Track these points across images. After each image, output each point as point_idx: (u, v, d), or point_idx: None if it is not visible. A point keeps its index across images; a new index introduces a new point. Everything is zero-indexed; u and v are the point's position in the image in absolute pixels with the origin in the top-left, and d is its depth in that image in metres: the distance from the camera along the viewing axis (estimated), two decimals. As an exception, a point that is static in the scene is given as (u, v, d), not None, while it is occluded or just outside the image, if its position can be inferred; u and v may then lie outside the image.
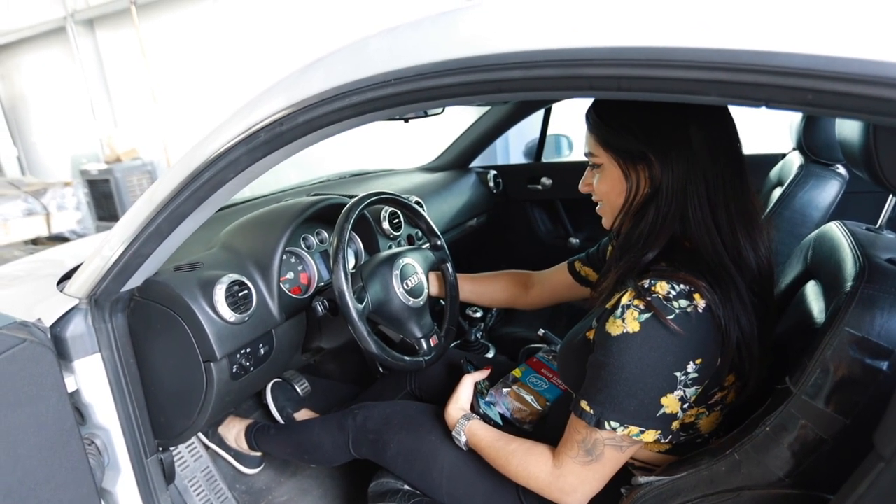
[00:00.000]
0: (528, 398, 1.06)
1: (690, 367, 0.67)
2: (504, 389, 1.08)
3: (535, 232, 2.20)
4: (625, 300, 0.70)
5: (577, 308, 1.84)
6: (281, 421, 1.46)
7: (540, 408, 1.05)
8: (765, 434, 0.62)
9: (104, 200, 5.49)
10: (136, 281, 0.95)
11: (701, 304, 0.66)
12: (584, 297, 1.12)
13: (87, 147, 6.40)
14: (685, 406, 0.70)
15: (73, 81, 6.15)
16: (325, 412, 1.43)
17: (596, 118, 0.78)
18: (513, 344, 1.54)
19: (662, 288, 0.68)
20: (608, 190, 0.80)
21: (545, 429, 1.02)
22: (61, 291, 1.01)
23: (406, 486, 1.05)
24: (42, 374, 0.80)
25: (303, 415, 1.48)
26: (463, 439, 0.94)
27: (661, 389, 0.68)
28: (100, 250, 0.94)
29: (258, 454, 1.44)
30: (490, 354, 1.55)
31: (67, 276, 1.12)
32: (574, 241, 2.11)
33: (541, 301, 1.23)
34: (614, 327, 0.70)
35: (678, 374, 0.67)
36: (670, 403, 0.69)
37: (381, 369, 1.46)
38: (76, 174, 5.98)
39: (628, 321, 0.68)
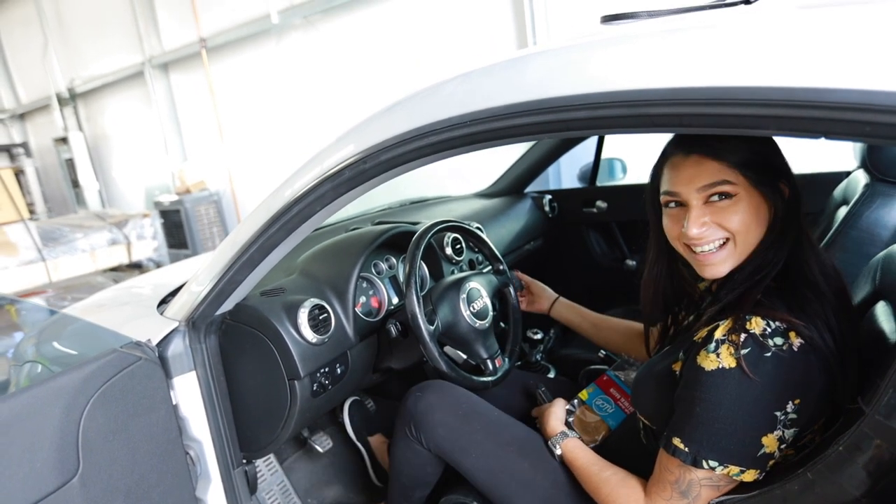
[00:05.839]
0: (592, 424, 1.07)
1: (790, 406, 0.66)
2: (570, 418, 1.09)
3: (591, 255, 2.21)
4: (718, 334, 0.69)
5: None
6: (356, 442, 1.51)
7: (602, 433, 1.06)
8: (838, 453, 0.62)
9: (175, 229, 5.87)
10: (228, 305, 1.04)
11: (796, 342, 0.65)
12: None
13: (159, 179, 6.88)
14: (782, 447, 0.68)
15: (148, 120, 6.67)
16: (390, 432, 1.48)
17: (734, 138, 0.68)
18: (574, 365, 1.55)
19: (758, 324, 0.66)
20: (749, 222, 0.71)
21: (605, 452, 1.03)
22: (161, 315, 1.13)
23: (475, 503, 1.07)
24: (154, 389, 0.90)
25: (377, 439, 1.54)
26: (558, 451, 0.95)
27: (761, 428, 0.66)
28: (194, 279, 1.05)
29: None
30: (551, 375, 1.57)
31: (165, 301, 1.24)
32: (630, 263, 2.11)
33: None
34: (708, 362, 0.68)
35: (778, 413, 0.66)
36: (770, 443, 0.67)
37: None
38: (150, 205, 6.44)
39: (724, 356, 0.67)
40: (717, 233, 0.73)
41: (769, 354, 0.65)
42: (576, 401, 1.12)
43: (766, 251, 0.72)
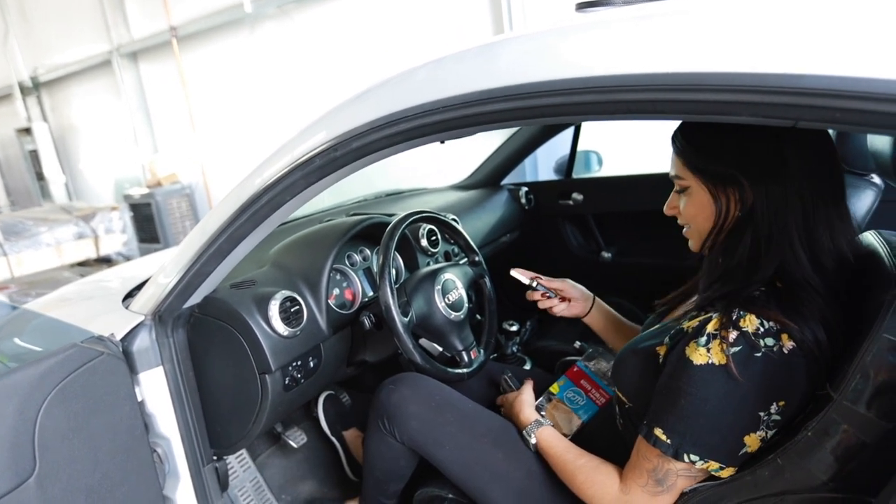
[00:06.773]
0: (563, 418, 1.07)
1: (774, 408, 0.66)
2: (542, 412, 1.09)
3: (568, 246, 2.22)
4: (710, 328, 0.69)
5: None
6: (331, 436, 1.50)
7: (574, 428, 1.05)
8: (807, 439, 0.63)
9: (145, 223, 5.72)
10: (196, 298, 1.01)
11: (788, 345, 0.65)
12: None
13: (129, 172, 6.70)
14: (763, 447, 0.69)
15: (117, 111, 6.47)
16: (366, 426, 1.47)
17: (683, 142, 0.76)
18: (549, 357, 1.56)
19: (752, 322, 0.66)
20: (696, 213, 0.79)
21: (579, 442, 1.03)
22: (127, 308, 1.09)
23: (450, 495, 1.07)
24: (117, 385, 0.87)
25: (352, 433, 1.52)
26: (533, 441, 0.95)
27: (745, 427, 0.67)
28: (160, 271, 1.01)
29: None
30: (527, 367, 1.58)
31: (130, 294, 1.20)
32: (606, 254, 2.13)
33: None
34: (697, 355, 0.68)
35: (762, 413, 0.66)
36: (752, 442, 0.68)
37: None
38: (119, 199, 6.27)
39: (714, 352, 0.67)
40: (680, 218, 0.83)
41: (759, 355, 0.65)
42: (547, 394, 1.12)
43: (735, 248, 0.73)
